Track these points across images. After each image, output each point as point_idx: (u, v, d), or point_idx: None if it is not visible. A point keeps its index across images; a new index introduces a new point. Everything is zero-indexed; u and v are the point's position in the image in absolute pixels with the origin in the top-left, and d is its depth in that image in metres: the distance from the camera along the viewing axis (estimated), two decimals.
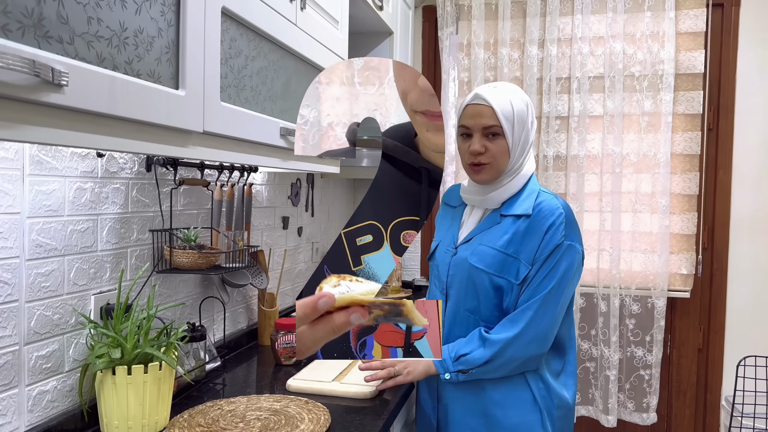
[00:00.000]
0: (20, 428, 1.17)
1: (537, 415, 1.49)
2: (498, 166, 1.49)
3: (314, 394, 1.57)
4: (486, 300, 1.49)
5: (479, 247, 1.50)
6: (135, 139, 0.95)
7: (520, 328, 1.43)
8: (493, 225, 1.52)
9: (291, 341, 1.83)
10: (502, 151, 1.48)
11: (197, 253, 1.53)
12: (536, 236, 1.45)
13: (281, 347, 1.82)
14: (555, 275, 1.44)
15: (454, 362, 1.48)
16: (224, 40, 1.19)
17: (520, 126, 1.48)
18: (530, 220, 1.46)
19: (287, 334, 1.82)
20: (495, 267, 1.47)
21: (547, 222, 1.45)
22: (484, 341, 1.46)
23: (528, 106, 1.51)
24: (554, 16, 2.88)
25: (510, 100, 1.47)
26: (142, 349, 1.26)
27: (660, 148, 2.81)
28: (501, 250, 1.47)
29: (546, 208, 1.47)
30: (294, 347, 1.82)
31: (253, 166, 1.86)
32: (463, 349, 1.47)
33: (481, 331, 1.48)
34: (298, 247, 2.53)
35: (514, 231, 1.47)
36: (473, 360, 1.46)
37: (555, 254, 1.44)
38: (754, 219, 2.85)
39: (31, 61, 0.71)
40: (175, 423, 1.33)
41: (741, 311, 2.88)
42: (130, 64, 0.91)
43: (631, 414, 2.94)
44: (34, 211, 1.18)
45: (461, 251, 1.54)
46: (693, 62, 2.82)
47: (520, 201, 1.50)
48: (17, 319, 1.15)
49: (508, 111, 1.46)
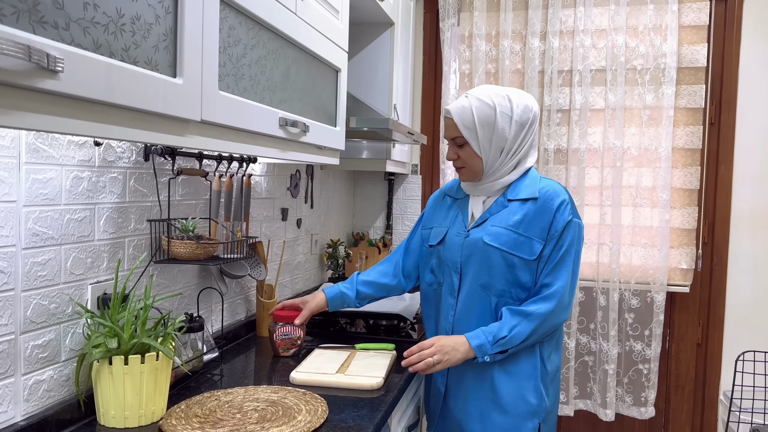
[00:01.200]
0: (16, 417, 1.16)
1: (532, 381, 1.62)
2: (473, 169, 1.64)
3: (319, 386, 1.57)
4: (499, 275, 1.61)
5: (491, 227, 1.62)
6: (132, 127, 0.94)
7: (556, 302, 1.57)
8: (501, 209, 1.64)
9: (289, 332, 1.81)
10: (471, 157, 1.63)
11: (195, 243, 1.52)
12: (545, 216, 1.59)
13: (279, 338, 1.81)
14: (570, 249, 1.60)
15: (493, 345, 1.56)
16: (223, 29, 1.18)
17: (487, 130, 1.59)
18: (538, 203, 1.60)
19: (285, 326, 1.81)
20: (508, 245, 1.59)
21: (555, 203, 1.59)
22: (523, 317, 1.57)
23: (497, 108, 1.58)
24: (556, 8, 2.86)
25: (473, 107, 1.59)
26: (139, 339, 1.25)
27: (661, 142, 2.80)
28: (512, 229, 1.60)
29: (551, 192, 1.61)
30: (292, 338, 1.82)
31: (252, 157, 1.85)
32: (502, 332, 1.56)
33: (512, 309, 1.58)
34: (297, 238, 2.53)
35: (524, 213, 1.60)
36: (514, 338, 1.56)
37: (566, 231, 1.59)
38: (755, 214, 2.84)
39: (26, 46, 0.70)
40: (172, 413, 1.33)
41: (740, 306, 2.88)
42: (126, 51, 0.90)
43: (629, 408, 2.94)
44: (30, 200, 1.17)
45: (474, 233, 1.65)
46: (695, 56, 2.81)
47: (524, 186, 1.64)
48: (13, 308, 1.15)
49: (468, 120, 1.59)
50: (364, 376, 1.59)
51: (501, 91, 1.61)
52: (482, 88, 1.63)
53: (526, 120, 1.60)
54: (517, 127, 1.60)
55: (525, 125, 1.61)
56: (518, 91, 1.64)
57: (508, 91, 1.62)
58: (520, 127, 1.60)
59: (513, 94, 1.61)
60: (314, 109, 1.69)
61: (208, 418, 1.31)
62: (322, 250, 2.85)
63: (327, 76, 1.78)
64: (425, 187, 3.25)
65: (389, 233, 3.28)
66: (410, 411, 1.86)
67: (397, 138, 2.37)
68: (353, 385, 1.56)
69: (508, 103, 1.59)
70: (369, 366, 1.68)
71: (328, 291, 1.84)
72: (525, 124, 1.61)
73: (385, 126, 2.01)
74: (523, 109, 1.60)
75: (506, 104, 1.59)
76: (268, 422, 1.30)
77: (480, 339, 1.57)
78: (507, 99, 1.60)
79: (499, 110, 1.58)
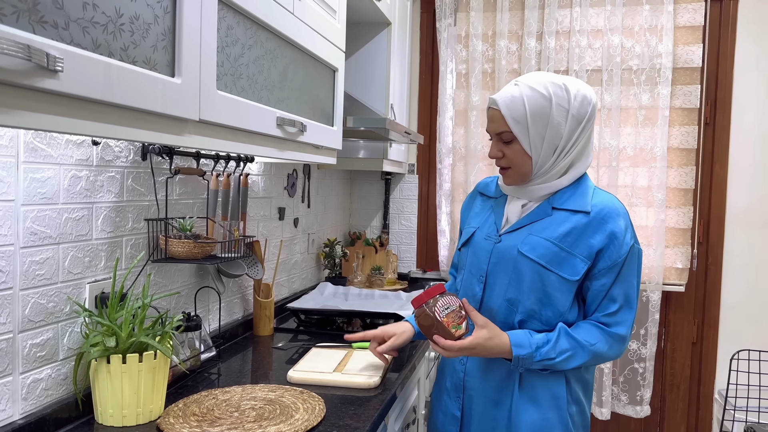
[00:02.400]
0: (14, 416, 1.17)
1: (557, 411, 1.43)
2: (520, 170, 1.43)
3: (316, 385, 1.57)
4: (529, 292, 1.41)
5: (530, 237, 1.42)
6: (130, 126, 0.94)
7: (619, 344, 1.41)
8: (544, 216, 1.44)
9: (449, 304, 1.41)
10: (519, 156, 1.42)
11: (193, 242, 1.52)
12: (597, 235, 1.39)
13: (443, 315, 1.39)
14: (633, 282, 1.42)
15: (536, 362, 1.39)
16: (221, 28, 1.18)
17: (540, 124, 1.38)
18: (591, 218, 1.40)
19: (443, 297, 1.41)
20: (547, 259, 1.39)
21: (613, 224, 1.39)
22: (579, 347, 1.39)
23: (553, 99, 1.38)
24: (553, 9, 2.87)
25: (525, 98, 1.38)
26: (136, 338, 1.25)
27: (657, 142, 2.81)
28: (555, 242, 1.40)
29: (610, 208, 1.40)
30: (455, 310, 1.41)
31: (250, 156, 1.85)
32: (551, 352, 1.38)
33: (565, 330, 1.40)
34: (294, 238, 2.53)
35: (573, 226, 1.40)
36: (562, 363, 1.39)
37: (629, 260, 1.40)
38: (750, 214, 2.86)
39: (26, 46, 0.70)
40: (169, 412, 1.33)
41: (735, 305, 2.89)
42: (125, 50, 0.91)
43: (624, 407, 2.95)
44: (28, 199, 1.17)
45: (507, 239, 1.45)
46: (691, 56, 2.82)
47: (576, 196, 1.43)
48: (11, 306, 1.15)
49: (519, 113, 1.38)
50: (361, 375, 1.60)
51: (557, 80, 1.40)
52: (535, 75, 1.42)
53: (584, 114, 1.40)
54: (574, 122, 1.39)
55: (582, 120, 1.40)
56: (575, 80, 1.43)
57: (564, 79, 1.42)
58: (576, 123, 1.40)
59: (570, 84, 1.40)
60: (312, 109, 1.70)
61: (205, 417, 1.32)
62: (319, 250, 2.86)
63: (324, 76, 1.79)
64: (422, 187, 3.26)
65: (386, 233, 3.28)
66: (407, 410, 1.86)
67: (394, 137, 2.37)
68: (350, 384, 1.56)
69: (565, 94, 1.39)
70: (366, 365, 1.69)
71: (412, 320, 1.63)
72: (582, 119, 1.40)
73: (382, 125, 2.02)
74: (581, 101, 1.39)
75: (563, 94, 1.39)
76: (266, 421, 1.30)
77: (525, 350, 1.38)
78: (564, 89, 1.39)
79: (555, 101, 1.38)
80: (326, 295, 2.45)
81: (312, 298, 2.37)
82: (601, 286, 1.40)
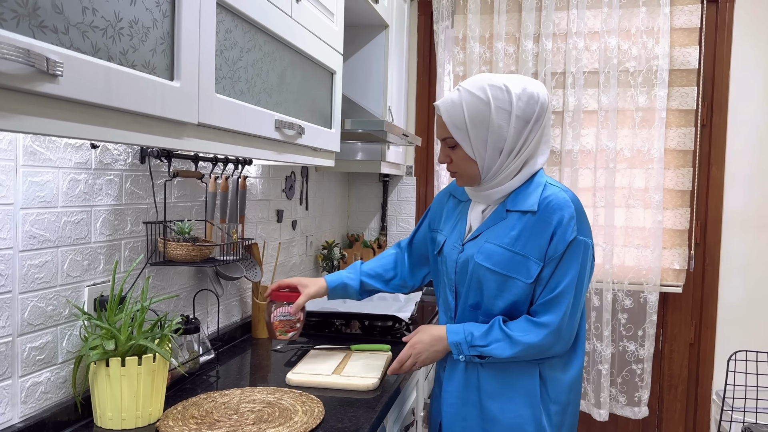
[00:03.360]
0: (14, 419, 1.17)
1: (530, 409, 1.43)
2: (467, 173, 1.44)
3: (315, 387, 1.57)
4: (492, 299, 1.43)
5: (485, 244, 1.43)
6: (129, 130, 0.95)
7: (546, 333, 1.38)
8: (499, 221, 1.44)
9: (287, 313, 1.65)
10: (464, 161, 1.43)
11: (191, 245, 1.52)
12: (545, 233, 1.37)
13: (277, 320, 1.65)
14: (573, 275, 1.38)
15: (470, 348, 1.42)
16: (219, 32, 1.19)
17: (480, 128, 1.38)
18: (537, 216, 1.38)
19: (284, 305, 1.66)
20: (502, 265, 1.40)
21: (557, 217, 1.37)
22: (507, 337, 1.39)
23: (492, 102, 1.36)
24: (550, 11, 2.88)
25: (464, 103, 1.38)
26: (135, 341, 1.26)
27: (654, 144, 2.82)
28: (507, 248, 1.39)
29: (554, 203, 1.38)
30: (290, 320, 1.66)
31: (248, 159, 1.85)
32: (481, 340, 1.41)
33: (501, 325, 1.41)
34: (292, 240, 2.53)
35: (522, 228, 1.39)
36: (491, 353, 1.40)
37: (569, 252, 1.37)
38: (746, 215, 2.87)
39: (26, 50, 0.71)
40: (168, 415, 1.33)
41: (732, 306, 2.90)
42: (125, 54, 0.91)
43: (622, 408, 2.96)
44: (27, 202, 1.18)
45: (468, 248, 1.46)
46: (687, 58, 2.83)
47: (525, 195, 1.42)
48: (10, 310, 1.15)
49: (459, 118, 1.39)
50: (359, 377, 1.60)
51: (498, 81, 1.37)
52: (476, 79, 1.40)
53: (530, 113, 1.37)
54: (520, 122, 1.37)
55: (530, 120, 1.38)
56: (521, 78, 1.40)
57: (507, 79, 1.38)
58: (523, 123, 1.37)
59: (513, 84, 1.37)
60: (309, 111, 1.70)
61: (204, 420, 1.32)
62: (317, 252, 2.86)
63: (322, 79, 1.79)
64: (420, 189, 3.26)
65: (384, 235, 3.29)
66: (405, 412, 1.87)
67: (391, 140, 2.38)
68: (349, 386, 1.56)
69: (506, 95, 1.36)
70: (364, 367, 1.69)
71: (330, 279, 1.68)
72: (530, 119, 1.38)
73: (379, 128, 2.02)
74: (527, 100, 1.37)
75: (504, 96, 1.36)
76: (265, 423, 1.31)
77: (458, 336, 1.43)
78: (505, 90, 1.36)
79: (495, 104, 1.36)
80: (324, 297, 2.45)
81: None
82: (544, 275, 1.39)
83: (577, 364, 1.49)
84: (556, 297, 1.38)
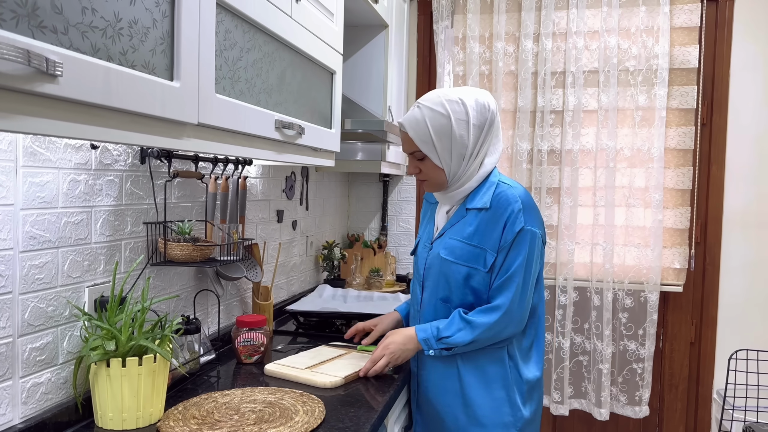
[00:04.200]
0: (14, 420, 1.17)
1: (505, 391, 1.60)
2: (436, 181, 1.61)
3: (286, 379, 1.63)
4: (457, 289, 1.60)
5: (449, 240, 1.61)
6: (130, 130, 0.95)
7: (500, 314, 1.54)
8: (459, 219, 1.62)
9: (251, 339, 1.76)
10: (432, 170, 1.60)
11: (192, 245, 1.52)
12: (497, 226, 1.55)
13: (241, 345, 1.75)
14: (520, 260, 1.54)
15: (437, 341, 1.58)
16: (219, 32, 1.19)
17: (444, 140, 1.54)
18: (490, 212, 1.56)
19: (249, 332, 1.76)
20: (464, 258, 1.58)
21: (506, 212, 1.54)
22: (467, 324, 1.55)
23: (452, 116, 1.52)
24: (549, 10, 2.88)
25: (426, 119, 1.53)
26: (136, 342, 1.26)
27: (654, 143, 2.82)
28: (466, 242, 1.58)
29: (503, 200, 1.55)
30: (254, 345, 1.76)
31: (248, 159, 1.85)
32: (446, 331, 1.57)
33: (461, 314, 1.57)
34: (292, 240, 2.53)
35: (477, 223, 1.57)
36: (456, 341, 1.56)
37: (517, 241, 1.54)
38: (747, 214, 2.87)
39: (26, 50, 0.71)
40: (169, 415, 1.33)
41: (733, 305, 2.90)
42: (124, 54, 0.91)
43: (623, 407, 2.96)
44: (27, 203, 1.18)
45: (435, 246, 1.65)
46: (687, 57, 2.83)
47: (481, 194, 1.59)
48: (11, 311, 1.15)
49: (424, 133, 1.55)
50: (326, 375, 1.62)
51: (453, 95, 1.54)
52: (433, 95, 1.56)
53: (483, 121, 1.55)
54: (476, 130, 1.55)
55: (484, 126, 1.55)
56: (470, 90, 1.57)
57: (460, 93, 1.55)
58: (479, 130, 1.55)
59: (466, 96, 1.54)
60: (309, 111, 1.70)
61: (205, 420, 1.32)
62: (317, 252, 2.86)
63: (322, 79, 1.79)
64: (420, 189, 3.26)
65: (384, 235, 3.29)
66: (406, 412, 1.87)
67: (391, 139, 2.38)
68: (310, 382, 1.59)
69: (462, 108, 1.53)
70: (342, 366, 1.70)
71: (401, 309, 1.88)
72: (483, 126, 1.55)
73: (379, 128, 2.02)
74: (480, 110, 1.54)
75: (461, 109, 1.53)
76: (266, 423, 1.31)
77: (426, 333, 1.60)
78: (461, 103, 1.53)
79: (455, 117, 1.53)
80: (325, 297, 2.45)
81: (311, 300, 2.37)
82: (497, 263, 1.56)
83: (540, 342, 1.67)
84: (505, 281, 1.55)
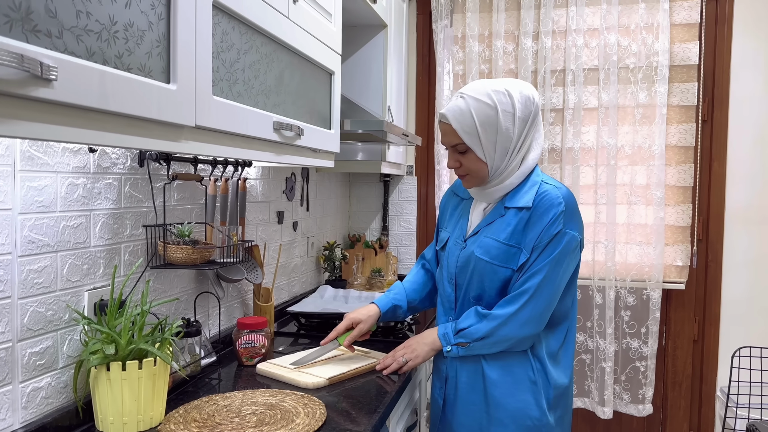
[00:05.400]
0: (14, 425, 1.16)
1: (531, 395, 1.53)
2: (478, 175, 1.54)
3: (274, 379, 1.64)
4: (490, 288, 1.55)
5: (484, 239, 1.55)
6: (127, 134, 0.94)
7: (517, 308, 1.49)
8: (497, 217, 1.55)
9: (252, 341, 1.75)
10: (475, 163, 1.52)
11: (191, 248, 1.52)
12: (537, 227, 1.49)
13: (242, 347, 1.75)
14: (550, 259, 1.48)
15: (455, 335, 1.55)
16: (216, 34, 1.18)
17: (490, 132, 1.48)
18: (531, 212, 1.50)
19: (250, 334, 1.76)
20: (500, 258, 1.52)
21: (549, 214, 1.48)
22: (482, 316, 1.52)
23: (498, 107, 1.46)
24: (548, 8, 2.88)
25: (472, 110, 1.47)
26: (136, 345, 1.25)
27: (655, 140, 2.81)
28: (504, 242, 1.52)
29: (547, 200, 1.49)
30: (255, 347, 1.76)
31: (247, 161, 1.85)
32: (462, 324, 1.55)
33: (477, 308, 1.55)
34: (293, 241, 2.53)
35: (516, 223, 1.51)
36: (471, 333, 1.53)
37: (553, 242, 1.48)
38: (749, 210, 2.86)
39: (20, 55, 0.70)
40: (170, 418, 1.33)
41: (736, 302, 2.89)
42: (120, 58, 0.91)
43: (626, 405, 2.95)
44: (26, 207, 1.17)
45: (470, 244, 1.58)
46: (687, 54, 2.82)
47: (522, 193, 1.53)
48: (10, 315, 1.15)
49: (469, 125, 1.48)
50: (311, 375, 1.62)
51: (499, 86, 1.48)
52: (477, 85, 1.50)
53: (528, 114, 1.49)
54: (521, 123, 1.48)
55: (528, 120, 1.49)
56: (514, 81, 1.51)
57: (505, 83, 1.49)
58: (523, 123, 1.49)
59: (512, 87, 1.48)
60: (308, 112, 1.70)
61: (206, 423, 1.31)
62: (318, 253, 2.86)
63: (321, 79, 1.79)
64: (421, 188, 3.26)
65: (385, 235, 3.28)
66: (408, 413, 1.86)
67: (391, 139, 2.37)
68: (294, 382, 1.60)
69: (509, 99, 1.47)
70: (331, 367, 1.69)
71: (381, 303, 1.76)
72: (528, 119, 1.49)
73: (379, 128, 2.02)
74: (525, 102, 1.48)
75: (507, 100, 1.47)
76: (267, 426, 1.30)
77: (446, 328, 1.58)
78: (507, 94, 1.47)
79: (501, 108, 1.46)
80: (326, 298, 2.45)
81: (312, 301, 2.37)
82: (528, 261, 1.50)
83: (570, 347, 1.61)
84: (529, 277, 1.49)
